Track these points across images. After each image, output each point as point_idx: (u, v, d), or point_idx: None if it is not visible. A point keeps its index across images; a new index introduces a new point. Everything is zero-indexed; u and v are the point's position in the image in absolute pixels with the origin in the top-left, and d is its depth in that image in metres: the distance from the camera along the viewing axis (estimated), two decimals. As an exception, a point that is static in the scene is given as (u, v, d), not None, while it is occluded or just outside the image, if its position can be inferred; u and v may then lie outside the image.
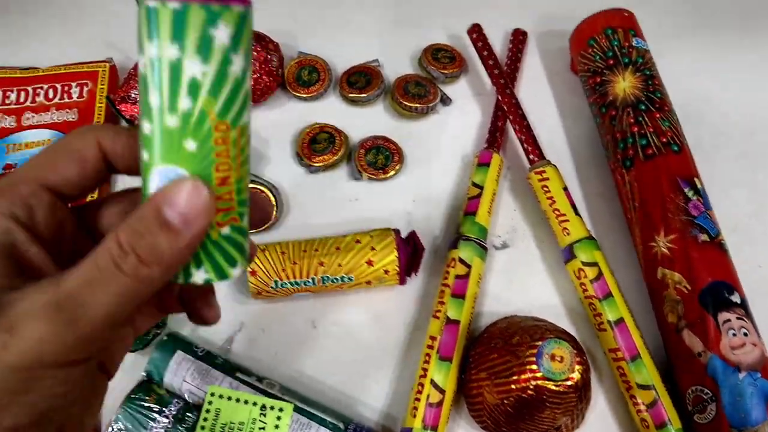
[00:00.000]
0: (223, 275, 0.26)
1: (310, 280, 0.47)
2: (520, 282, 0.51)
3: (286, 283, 0.47)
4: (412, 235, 0.49)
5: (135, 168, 0.26)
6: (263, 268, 0.47)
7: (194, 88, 0.23)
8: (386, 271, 0.47)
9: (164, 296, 0.29)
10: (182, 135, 0.23)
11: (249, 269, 0.47)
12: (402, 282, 0.49)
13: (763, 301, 0.46)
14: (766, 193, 0.55)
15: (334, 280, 0.47)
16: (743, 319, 0.45)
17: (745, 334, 0.44)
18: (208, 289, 0.30)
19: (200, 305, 0.29)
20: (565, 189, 0.51)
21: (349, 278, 0.47)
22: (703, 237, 0.47)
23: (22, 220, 0.24)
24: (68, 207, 0.26)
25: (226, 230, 0.25)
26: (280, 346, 0.49)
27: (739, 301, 0.45)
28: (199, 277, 0.25)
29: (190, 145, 0.23)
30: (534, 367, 0.39)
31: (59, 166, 0.26)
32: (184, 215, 0.22)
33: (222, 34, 0.23)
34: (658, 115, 0.51)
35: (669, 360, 0.48)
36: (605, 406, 0.47)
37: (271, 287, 0.48)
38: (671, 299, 0.47)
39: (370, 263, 0.47)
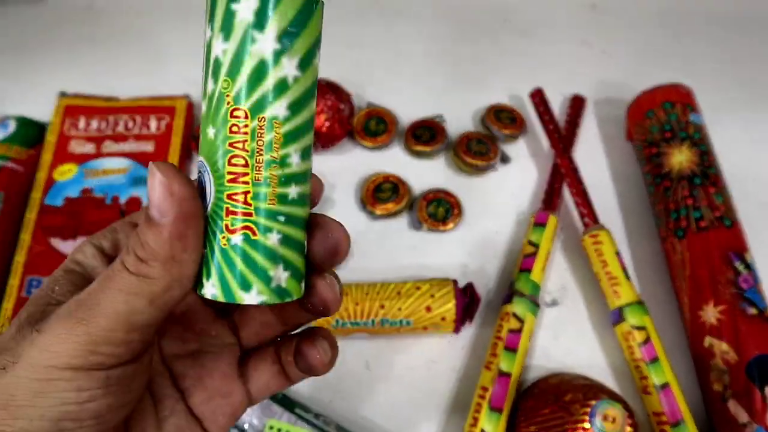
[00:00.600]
0: (230, 295, 0.23)
1: (370, 322, 0.50)
2: (567, 339, 0.53)
3: (346, 323, 0.50)
4: (470, 287, 0.51)
5: None
6: (324, 322, 0.49)
7: (217, 67, 0.22)
8: (443, 318, 0.50)
9: (285, 357, 0.29)
10: (207, 122, 0.23)
11: None
12: (457, 330, 0.51)
13: (810, 378, 0.47)
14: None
15: (393, 323, 0.50)
16: (789, 394, 0.46)
17: (791, 410, 0.45)
18: (317, 331, 0.29)
19: (305, 345, 0.28)
20: (618, 253, 0.53)
21: (407, 322, 0.50)
22: (752, 310, 0.49)
23: (105, 249, 0.27)
24: None
25: (236, 239, 0.23)
26: (334, 384, 0.51)
27: (785, 376, 0.47)
28: (207, 290, 0.23)
29: (211, 131, 0.23)
30: (587, 425, 0.41)
31: None
32: (156, 205, 0.22)
33: (243, 9, 0.22)
34: (712, 190, 0.54)
35: (713, 428, 0.49)
36: (648, 470, 0.49)
37: (332, 325, 0.50)
38: (718, 368, 0.48)
39: (428, 309, 0.49)
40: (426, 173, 0.60)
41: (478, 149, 0.60)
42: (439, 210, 0.57)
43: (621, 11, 0.76)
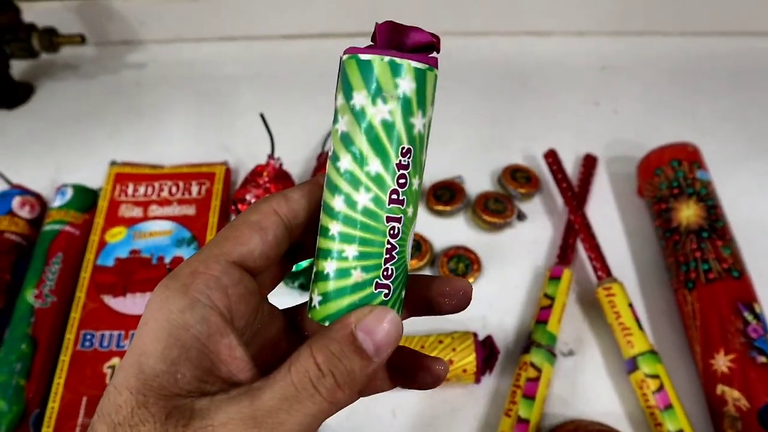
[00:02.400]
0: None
1: None
2: (584, 387, 0.56)
3: None
4: (489, 340, 0.55)
5: (311, 228, 0.27)
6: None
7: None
8: (464, 370, 0.53)
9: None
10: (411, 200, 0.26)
11: None
12: (477, 381, 0.54)
13: (820, 424, 0.49)
14: (824, 320, 0.59)
15: None
16: (801, 440, 0.48)
17: (803, 455, 0.47)
18: (421, 357, 0.31)
19: (429, 361, 0.30)
20: (630, 305, 0.56)
21: None
22: (762, 359, 0.51)
23: (218, 305, 0.24)
24: (254, 281, 0.27)
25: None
26: (362, 430, 0.54)
27: (796, 423, 0.48)
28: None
29: (410, 210, 0.26)
30: (599, 469, 0.43)
31: (242, 238, 0.26)
32: (378, 345, 0.24)
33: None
34: (719, 243, 0.56)
35: (728, 474, 0.50)
36: None
37: None
38: (730, 415, 0.50)
39: (450, 362, 0.52)
40: (447, 231, 0.64)
41: (496, 207, 0.64)
42: (459, 265, 0.61)
43: (630, 72, 0.81)
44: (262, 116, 0.64)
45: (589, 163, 0.68)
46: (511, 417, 0.51)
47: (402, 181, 0.25)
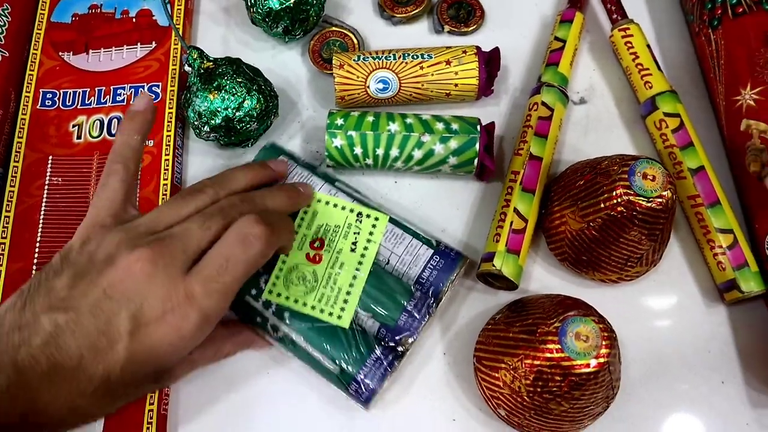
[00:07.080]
0: None
1: (392, 56, 0.50)
2: (597, 135, 0.52)
3: (368, 58, 0.50)
4: (496, 51, 0.51)
5: None
6: (347, 58, 0.51)
7: None
8: (464, 51, 0.50)
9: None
10: None
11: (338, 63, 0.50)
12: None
13: None
14: None
15: (414, 57, 0.50)
16: (831, 165, 0.45)
17: (832, 180, 0.44)
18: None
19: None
20: (648, 46, 0.51)
21: (429, 56, 0.50)
22: (792, 85, 0.47)
23: None
24: None
25: None
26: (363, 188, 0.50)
27: (828, 149, 0.45)
28: None
29: None
30: (626, 183, 0.40)
31: None
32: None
33: None
34: (749, -26, 0.51)
35: (746, 212, 0.48)
36: (679, 254, 0.48)
37: (354, 60, 0.50)
38: (755, 149, 0.47)
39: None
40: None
41: (500, -47, 0.57)
42: (460, 13, 0.55)
43: None
44: None
45: None
46: (522, 156, 0.47)
47: None
